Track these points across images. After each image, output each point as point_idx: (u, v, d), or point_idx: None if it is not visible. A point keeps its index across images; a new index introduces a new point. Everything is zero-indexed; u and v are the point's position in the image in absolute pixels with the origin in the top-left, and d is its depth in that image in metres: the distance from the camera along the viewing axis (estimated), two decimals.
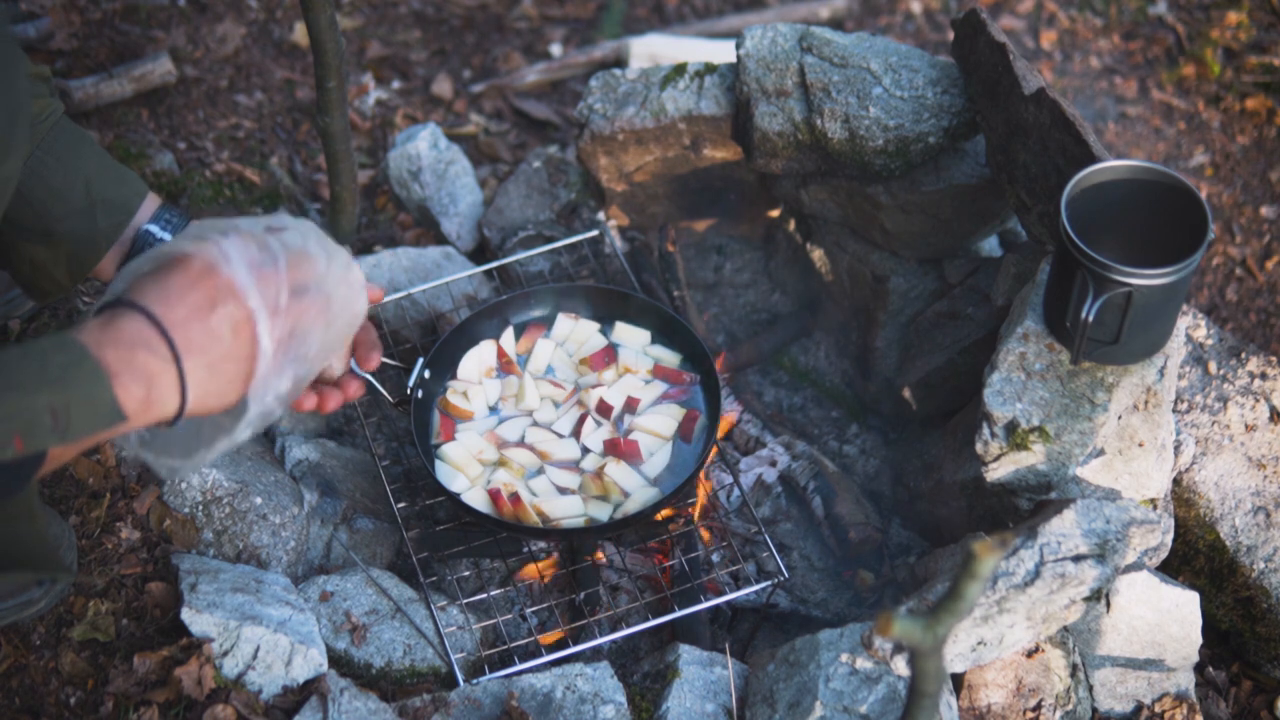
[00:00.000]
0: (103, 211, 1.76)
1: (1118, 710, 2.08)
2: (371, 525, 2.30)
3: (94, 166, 1.76)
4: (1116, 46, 3.64)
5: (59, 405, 1.22)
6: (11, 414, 1.19)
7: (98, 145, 1.81)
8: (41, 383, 1.22)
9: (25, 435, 1.20)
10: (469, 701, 1.96)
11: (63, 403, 1.23)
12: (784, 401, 2.74)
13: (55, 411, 1.22)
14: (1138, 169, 1.98)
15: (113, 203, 1.76)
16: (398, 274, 2.65)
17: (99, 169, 1.77)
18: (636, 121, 2.58)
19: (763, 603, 2.31)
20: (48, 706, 1.90)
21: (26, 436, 1.20)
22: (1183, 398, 2.35)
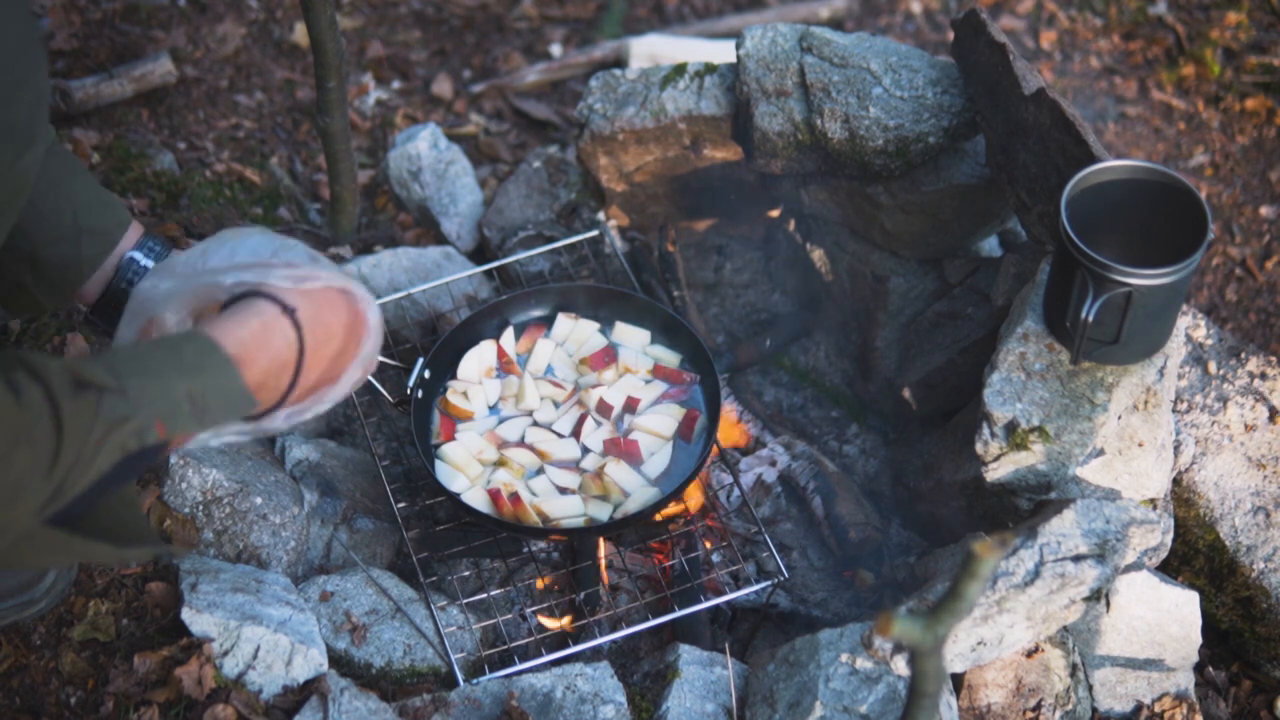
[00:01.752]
0: (88, 240, 1.78)
1: (1118, 710, 2.08)
2: (371, 525, 2.30)
3: (83, 195, 1.79)
4: (1116, 46, 3.64)
5: (196, 393, 1.31)
6: (153, 400, 1.26)
7: (87, 172, 1.84)
8: (179, 371, 1.30)
9: (167, 421, 1.27)
10: (469, 701, 1.96)
11: (200, 389, 1.31)
12: (784, 401, 2.74)
13: (193, 398, 1.30)
14: (1138, 169, 1.98)
15: (97, 231, 1.79)
16: (398, 274, 2.65)
17: (86, 198, 1.79)
18: (636, 121, 2.58)
19: (763, 603, 2.31)
20: (48, 706, 1.90)
21: (168, 422, 1.27)
22: (1183, 398, 2.35)
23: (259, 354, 1.42)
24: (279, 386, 1.47)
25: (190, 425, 1.30)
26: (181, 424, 1.29)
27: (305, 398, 1.54)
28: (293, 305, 1.48)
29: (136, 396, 1.25)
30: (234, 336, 1.40)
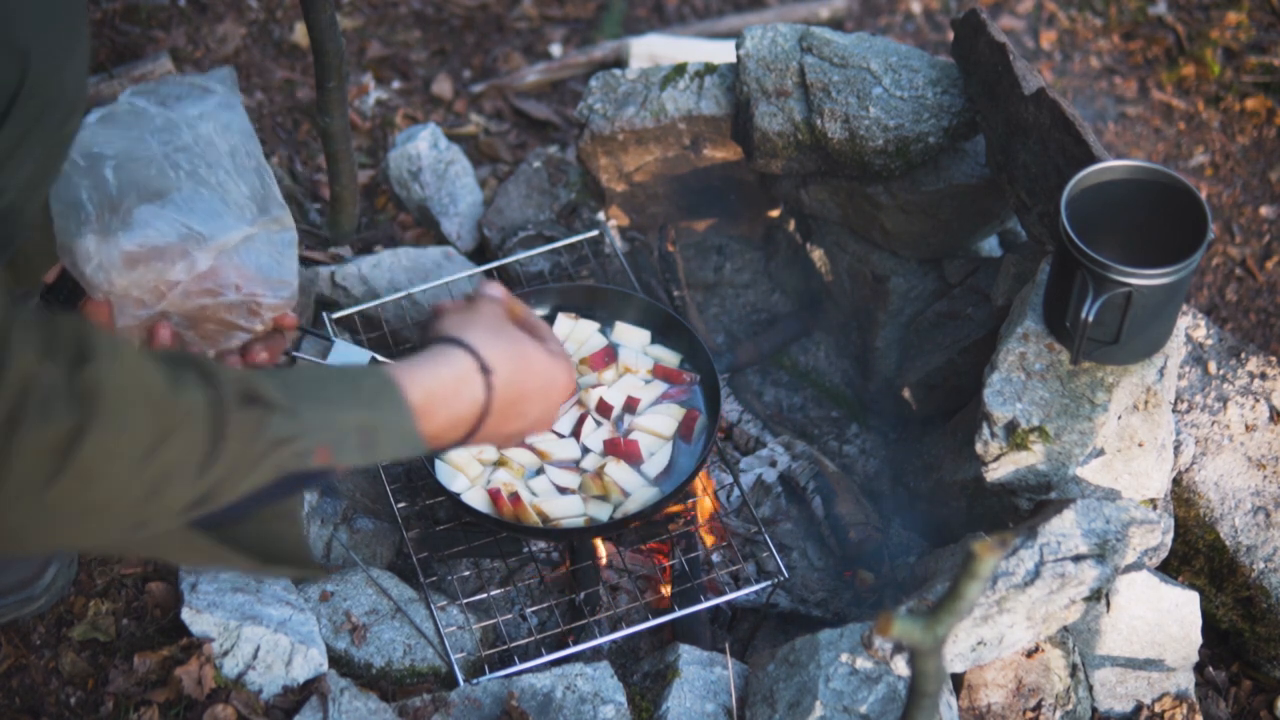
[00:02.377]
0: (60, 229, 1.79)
1: (1118, 710, 2.08)
2: (371, 525, 2.30)
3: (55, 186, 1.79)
4: (1116, 46, 3.64)
5: (368, 427, 1.28)
6: (324, 426, 1.24)
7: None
8: (356, 403, 1.28)
9: (334, 449, 1.25)
10: (469, 701, 1.96)
11: (372, 424, 1.29)
12: (784, 401, 2.74)
13: (363, 432, 1.28)
14: (1138, 169, 1.98)
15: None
16: (398, 274, 2.65)
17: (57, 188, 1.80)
18: (636, 121, 2.58)
19: (763, 603, 2.31)
20: (48, 706, 1.90)
21: (334, 450, 1.25)
22: (1183, 398, 2.35)
23: (441, 410, 1.38)
24: (451, 439, 1.44)
25: (355, 458, 1.28)
26: (346, 455, 1.27)
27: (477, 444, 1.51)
28: (490, 366, 1.43)
29: (307, 420, 1.23)
30: (421, 386, 1.36)
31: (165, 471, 1.15)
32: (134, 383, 1.13)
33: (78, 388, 1.09)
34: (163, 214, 1.74)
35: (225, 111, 1.85)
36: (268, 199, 1.85)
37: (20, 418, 1.07)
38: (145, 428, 1.13)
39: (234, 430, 1.18)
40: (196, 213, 1.77)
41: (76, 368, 1.10)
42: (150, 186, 1.75)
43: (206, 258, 1.77)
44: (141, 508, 1.16)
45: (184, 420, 1.15)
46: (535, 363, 1.53)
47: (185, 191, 1.76)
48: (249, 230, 1.80)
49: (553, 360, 1.57)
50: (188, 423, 1.16)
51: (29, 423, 1.07)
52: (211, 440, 1.17)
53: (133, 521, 1.17)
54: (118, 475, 1.12)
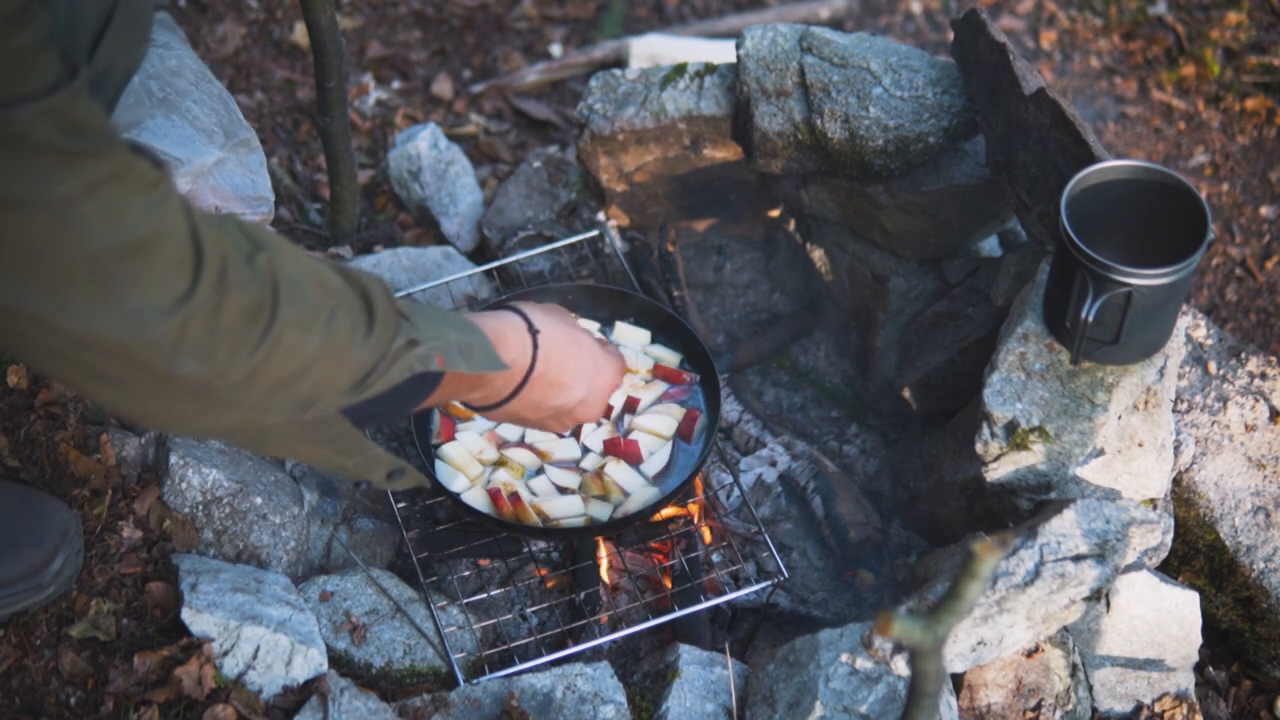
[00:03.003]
0: None
1: (1118, 710, 2.08)
2: (371, 525, 2.30)
3: None
4: (1116, 46, 3.64)
5: (464, 343, 1.52)
6: (436, 338, 1.45)
7: None
8: (451, 325, 1.52)
9: (446, 355, 1.46)
10: (469, 701, 1.96)
11: (466, 342, 1.52)
12: (784, 401, 2.74)
13: (462, 347, 1.51)
14: (1138, 169, 1.98)
15: None
16: (398, 274, 2.65)
17: None
18: (636, 121, 2.58)
19: (763, 603, 2.31)
20: (48, 706, 1.90)
21: (447, 356, 1.46)
22: (1183, 398, 2.35)
23: (502, 349, 1.63)
24: (509, 386, 1.69)
25: (461, 365, 1.49)
26: (454, 362, 1.48)
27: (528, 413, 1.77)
28: (538, 327, 1.70)
29: (423, 329, 1.43)
30: (487, 324, 1.63)
31: (336, 345, 1.29)
32: (302, 267, 1.28)
33: (260, 268, 1.22)
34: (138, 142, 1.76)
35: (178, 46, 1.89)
36: (234, 123, 1.89)
37: (228, 285, 1.19)
38: (318, 303, 1.28)
39: (380, 318, 1.35)
40: (170, 139, 1.80)
41: (253, 252, 1.23)
42: (125, 116, 1.78)
43: (184, 182, 1.80)
44: (319, 380, 1.30)
45: (345, 300, 1.32)
46: (584, 347, 1.77)
47: (158, 120, 1.79)
48: (220, 154, 1.84)
49: (603, 352, 1.81)
50: (348, 303, 1.32)
51: (234, 291, 1.19)
52: (367, 321, 1.33)
53: (309, 395, 1.31)
54: (305, 344, 1.26)
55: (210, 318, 1.17)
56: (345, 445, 1.45)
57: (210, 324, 1.18)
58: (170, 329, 1.15)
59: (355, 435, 1.45)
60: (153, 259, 1.14)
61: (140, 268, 1.13)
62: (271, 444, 1.41)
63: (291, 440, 1.39)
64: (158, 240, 1.14)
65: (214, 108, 1.88)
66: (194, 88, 1.86)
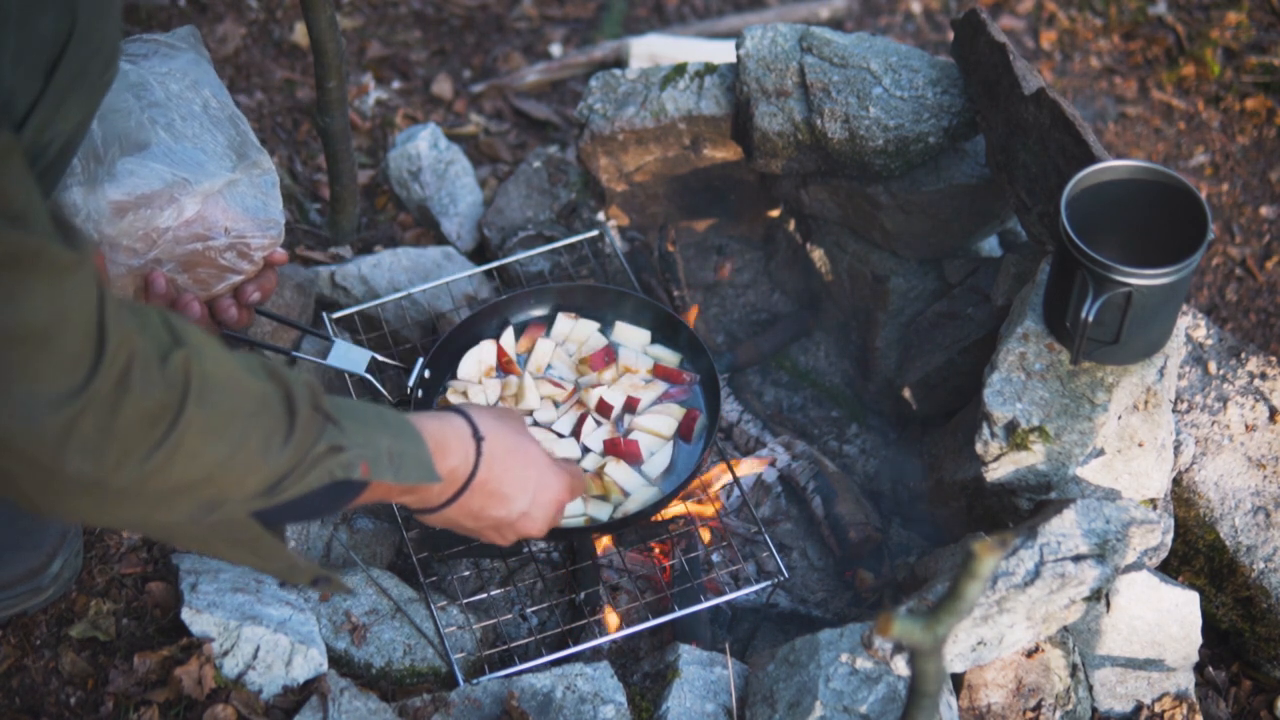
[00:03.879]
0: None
1: (1118, 710, 2.08)
2: (371, 525, 2.30)
3: None
4: (1116, 46, 3.64)
5: (395, 451, 1.45)
6: (364, 444, 1.38)
7: None
8: (386, 430, 1.45)
9: (372, 464, 1.40)
10: (469, 701, 1.96)
11: (399, 450, 1.45)
12: (784, 401, 2.74)
13: (392, 455, 1.44)
14: (1138, 169, 1.98)
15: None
16: (398, 274, 2.65)
17: None
18: (636, 121, 2.58)
19: (763, 603, 2.31)
20: (48, 706, 1.90)
21: (374, 465, 1.40)
22: (1183, 398, 2.35)
23: (441, 456, 1.56)
24: (445, 492, 1.62)
25: (387, 475, 1.43)
26: (380, 472, 1.41)
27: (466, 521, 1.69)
28: (483, 434, 1.63)
29: (351, 435, 1.36)
30: (428, 430, 1.55)
31: (247, 452, 1.24)
32: (221, 369, 1.22)
33: (173, 368, 1.17)
34: (146, 164, 1.76)
35: (193, 68, 1.87)
36: (245, 145, 1.88)
37: (128, 385, 1.13)
38: (233, 409, 1.22)
39: (302, 423, 1.29)
40: (178, 162, 1.80)
41: (170, 350, 1.18)
42: (131, 139, 1.77)
43: (194, 203, 1.80)
44: (223, 485, 1.24)
45: (265, 406, 1.26)
46: (531, 457, 1.71)
47: (165, 144, 1.78)
48: (231, 175, 1.83)
49: (552, 464, 1.75)
50: (268, 408, 1.26)
51: (135, 391, 1.14)
52: (287, 427, 1.28)
53: (212, 499, 1.25)
54: (210, 449, 1.20)
55: (104, 416, 1.12)
56: (262, 550, 1.39)
57: (103, 423, 1.12)
58: (57, 423, 1.10)
59: (271, 540, 1.39)
60: (46, 349, 1.09)
61: (30, 356, 1.08)
62: (181, 541, 1.35)
63: (203, 539, 1.34)
64: (54, 330, 1.09)
65: (224, 130, 1.87)
66: (202, 111, 1.86)
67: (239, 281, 1.88)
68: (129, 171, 1.75)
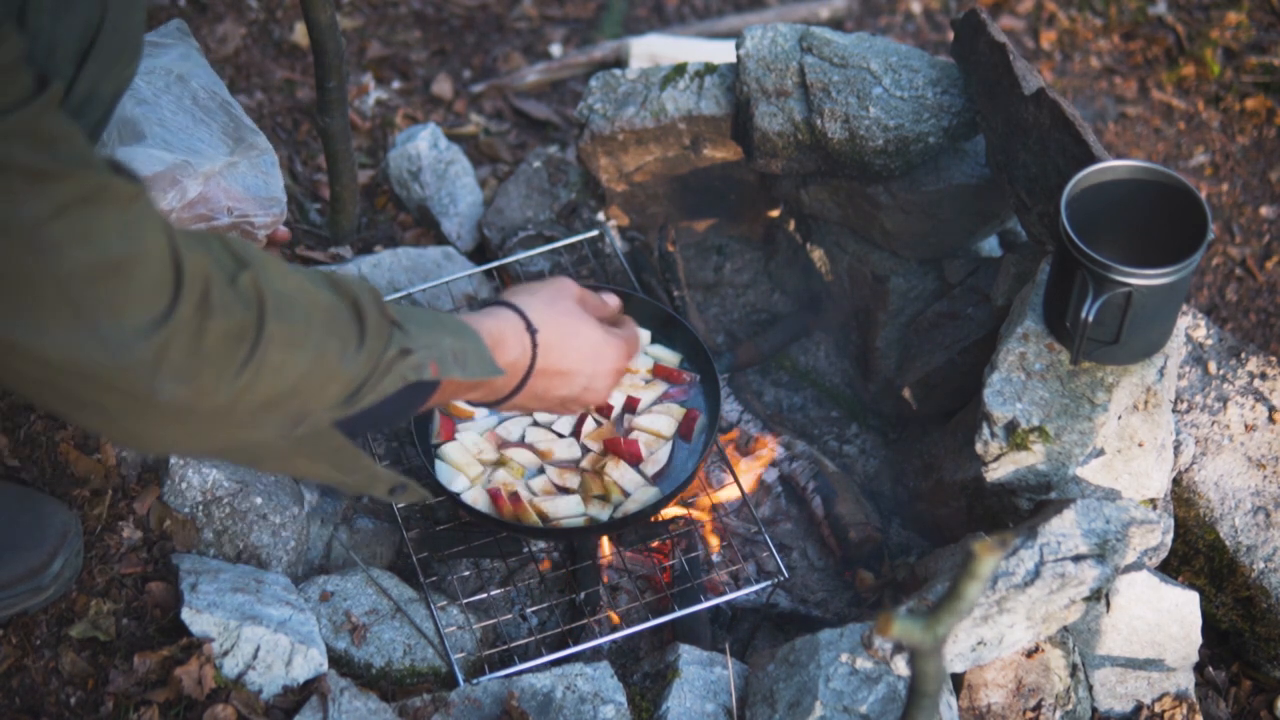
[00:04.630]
0: None
1: (1118, 710, 2.08)
2: (371, 525, 2.30)
3: None
4: (1116, 46, 3.64)
5: (458, 350, 1.48)
6: (430, 345, 1.42)
7: None
8: (446, 330, 1.48)
9: (440, 363, 1.43)
10: (469, 701, 1.96)
11: (461, 348, 1.49)
12: (784, 401, 2.74)
13: (456, 354, 1.48)
14: (1138, 169, 1.98)
15: None
16: (398, 274, 2.65)
17: None
18: (636, 121, 2.58)
19: (763, 603, 2.31)
20: (48, 706, 1.90)
21: (441, 364, 1.44)
22: (1183, 398, 2.35)
23: (499, 351, 1.60)
24: (509, 385, 1.65)
25: (455, 372, 1.47)
26: (448, 369, 1.45)
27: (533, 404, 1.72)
28: (536, 325, 1.65)
29: (416, 337, 1.40)
30: (484, 325, 1.59)
31: (327, 360, 1.27)
32: (289, 282, 1.25)
33: (244, 286, 1.20)
34: (145, 151, 1.77)
35: (181, 62, 1.88)
36: (240, 129, 1.89)
37: (209, 307, 1.16)
38: (307, 319, 1.25)
39: (372, 328, 1.32)
40: (177, 148, 1.81)
41: (237, 271, 1.20)
42: (128, 129, 1.78)
43: (196, 184, 1.81)
44: (307, 396, 1.27)
45: (335, 315, 1.29)
46: (584, 335, 1.72)
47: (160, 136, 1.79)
48: (230, 158, 1.85)
49: (605, 337, 1.77)
50: (339, 317, 1.30)
51: (217, 312, 1.17)
52: (358, 334, 1.31)
53: (299, 412, 1.28)
54: (293, 362, 1.23)
55: (192, 340, 1.15)
56: (342, 461, 1.43)
57: (192, 346, 1.15)
58: (149, 352, 1.13)
59: (352, 450, 1.42)
60: (128, 281, 1.11)
61: (115, 290, 1.11)
62: (267, 461, 1.39)
63: (287, 456, 1.37)
64: (133, 261, 1.11)
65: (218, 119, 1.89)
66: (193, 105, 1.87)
67: None
68: (129, 158, 1.76)
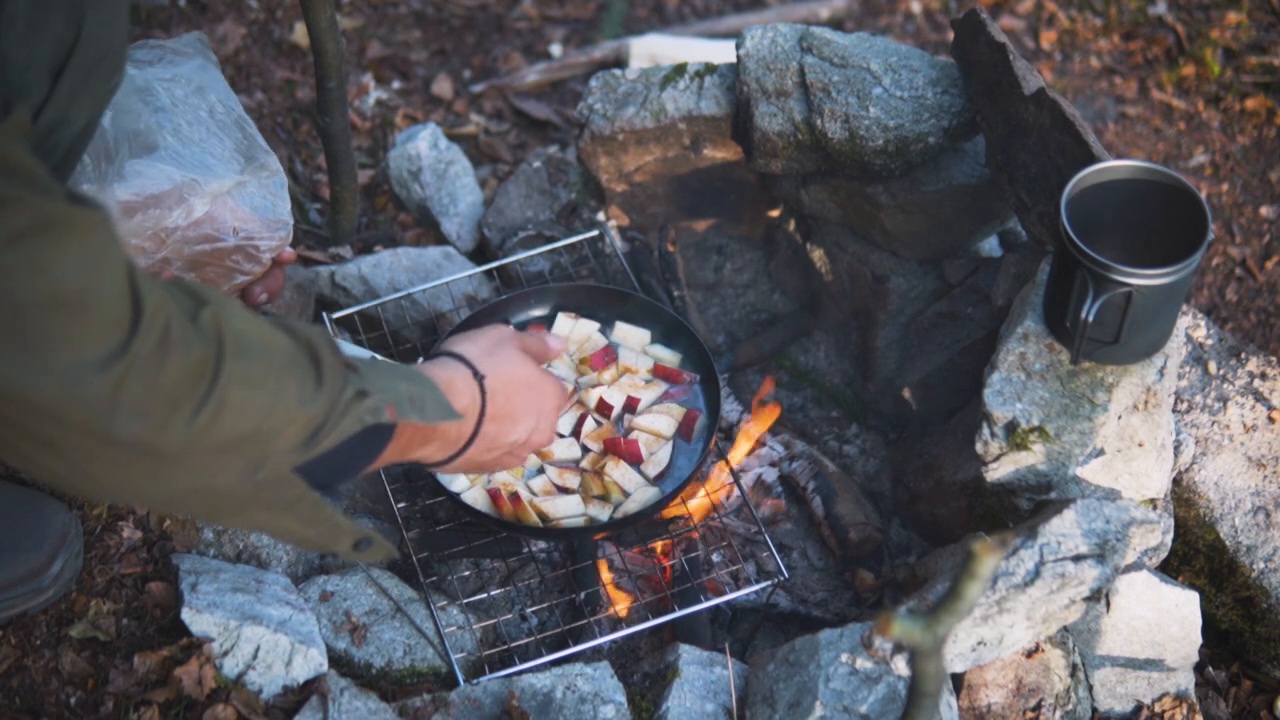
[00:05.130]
0: None
1: (1118, 710, 2.08)
2: (371, 525, 2.30)
3: None
4: (1116, 46, 3.64)
5: (414, 394, 1.48)
6: (385, 388, 1.41)
7: None
8: (399, 376, 1.48)
9: (397, 406, 1.43)
10: (469, 701, 1.96)
11: (417, 393, 1.48)
12: (784, 401, 2.74)
13: (412, 398, 1.47)
14: (1138, 169, 1.98)
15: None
16: (398, 274, 2.65)
17: None
18: (636, 121, 2.58)
19: (763, 603, 2.31)
20: (48, 706, 1.90)
21: (398, 407, 1.43)
22: (1183, 398, 2.35)
23: (454, 395, 1.61)
24: (465, 433, 1.65)
25: (412, 416, 1.46)
26: (406, 412, 1.45)
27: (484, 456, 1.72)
28: (482, 372, 1.67)
29: (371, 380, 1.39)
30: (434, 374, 1.60)
31: (286, 401, 1.26)
32: (248, 324, 1.25)
33: (204, 324, 1.19)
34: (154, 166, 1.77)
35: (200, 74, 1.88)
36: (253, 148, 1.89)
37: (169, 343, 1.14)
38: (265, 360, 1.24)
39: (328, 370, 1.31)
40: (186, 164, 1.81)
41: (197, 309, 1.20)
42: (139, 140, 1.78)
43: (203, 204, 1.81)
44: (268, 437, 1.25)
45: (293, 356, 1.29)
46: (525, 379, 1.75)
47: (172, 147, 1.79)
48: (240, 177, 1.85)
49: (544, 376, 1.80)
50: (295, 359, 1.29)
51: (177, 348, 1.15)
52: (316, 376, 1.30)
53: (259, 454, 1.27)
54: (253, 401, 1.22)
55: (151, 375, 1.12)
56: (305, 512, 1.39)
57: (150, 382, 1.12)
58: (104, 387, 1.10)
59: (315, 500, 1.39)
60: (84, 313, 1.08)
61: (70, 322, 1.08)
62: (227, 512, 1.35)
63: (247, 505, 1.33)
64: (89, 294, 1.08)
65: (232, 135, 1.88)
66: (209, 117, 1.86)
67: (247, 281, 1.89)
68: (137, 172, 1.76)
